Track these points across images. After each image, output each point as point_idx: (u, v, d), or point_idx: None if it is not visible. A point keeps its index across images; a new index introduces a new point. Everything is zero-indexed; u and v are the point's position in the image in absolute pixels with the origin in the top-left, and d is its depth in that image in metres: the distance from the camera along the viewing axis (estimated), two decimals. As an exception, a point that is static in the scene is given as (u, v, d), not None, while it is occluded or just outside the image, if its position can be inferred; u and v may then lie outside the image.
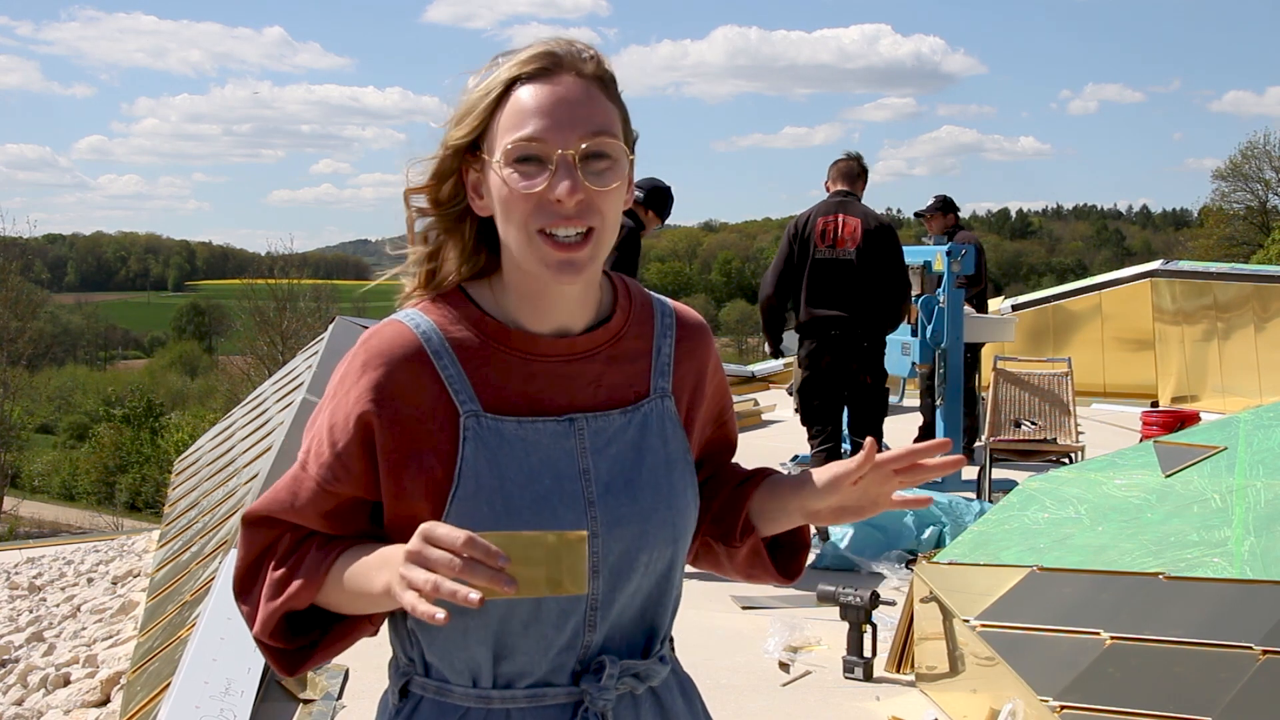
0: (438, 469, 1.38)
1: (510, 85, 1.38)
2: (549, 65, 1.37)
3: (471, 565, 1.19)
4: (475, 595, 1.17)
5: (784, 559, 1.61)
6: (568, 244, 1.36)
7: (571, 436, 1.42)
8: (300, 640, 1.47)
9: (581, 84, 1.38)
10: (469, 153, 1.42)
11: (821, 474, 1.48)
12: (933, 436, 8.10)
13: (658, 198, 6.63)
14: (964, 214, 9.13)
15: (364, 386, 1.39)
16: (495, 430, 1.39)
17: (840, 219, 6.50)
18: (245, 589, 1.46)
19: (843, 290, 6.42)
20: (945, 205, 9.01)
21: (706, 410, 1.58)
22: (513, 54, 1.40)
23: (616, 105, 1.42)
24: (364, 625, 1.47)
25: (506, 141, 1.36)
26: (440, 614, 1.18)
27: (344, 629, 1.47)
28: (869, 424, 6.64)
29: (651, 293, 1.58)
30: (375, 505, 1.45)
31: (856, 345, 6.42)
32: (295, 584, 1.40)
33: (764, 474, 1.59)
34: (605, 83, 1.41)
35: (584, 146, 1.35)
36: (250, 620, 1.45)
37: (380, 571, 1.33)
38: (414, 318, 1.44)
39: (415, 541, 1.24)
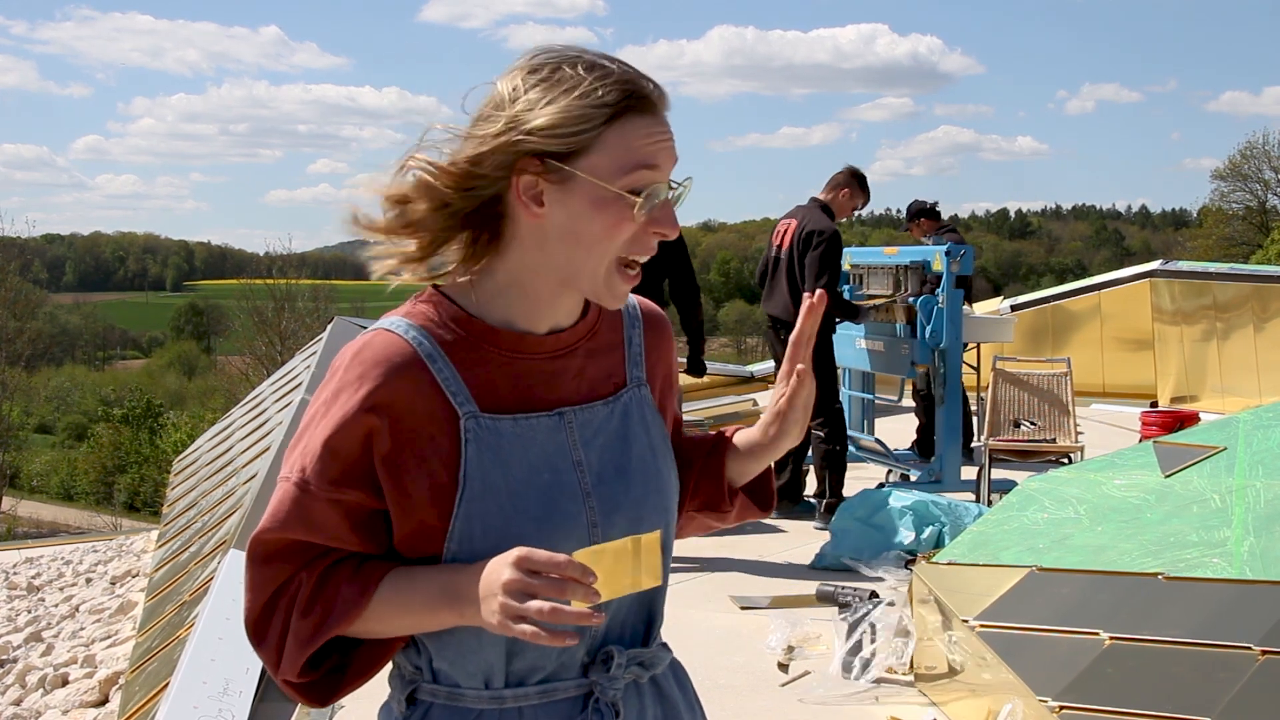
0: (441, 473, 1.38)
1: (621, 109, 1.36)
2: (656, 99, 1.40)
3: (571, 586, 1.27)
4: (600, 618, 1.27)
5: (759, 496, 1.68)
6: (631, 276, 1.42)
7: (563, 430, 1.44)
8: (323, 668, 1.44)
9: (668, 121, 1.42)
10: (536, 157, 1.36)
11: (767, 415, 1.59)
12: (930, 438, 8.14)
13: None
14: (963, 214, 9.19)
15: (362, 396, 1.37)
16: (494, 429, 1.40)
17: (786, 222, 7.20)
18: (261, 631, 1.40)
19: (775, 286, 7.16)
20: (921, 212, 8.96)
21: (672, 395, 1.64)
22: (608, 75, 1.37)
23: None
24: (397, 644, 1.46)
25: (630, 168, 1.36)
26: (572, 640, 1.27)
27: (377, 652, 1.45)
28: (816, 410, 7.07)
29: None
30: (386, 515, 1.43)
31: (781, 337, 7.10)
32: (330, 626, 1.37)
33: (724, 440, 1.64)
34: None
35: (679, 188, 1.41)
36: (273, 664, 1.40)
37: (448, 602, 1.35)
38: (400, 325, 1.42)
39: (511, 571, 1.28)
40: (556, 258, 1.40)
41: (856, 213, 7.58)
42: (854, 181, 7.21)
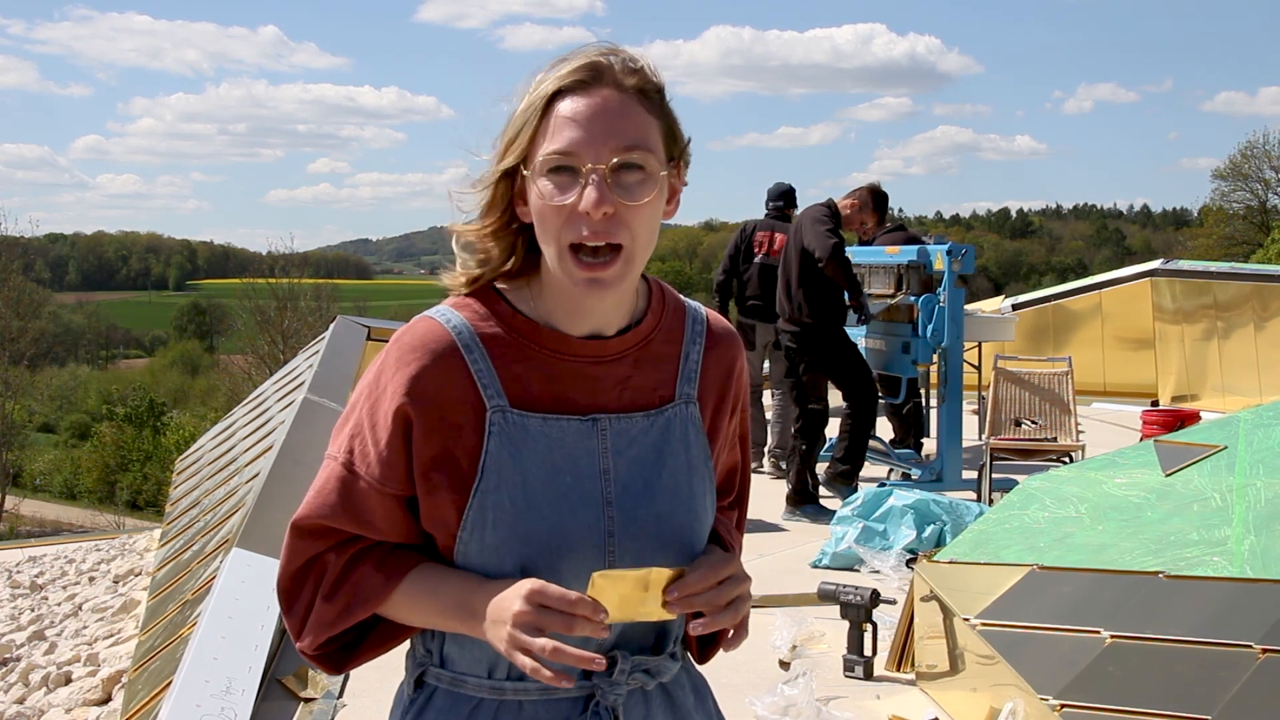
0: (463, 462, 1.41)
1: (551, 99, 1.39)
2: (588, 78, 1.38)
3: (581, 622, 1.29)
4: (601, 664, 1.30)
5: (704, 645, 1.62)
6: (595, 264, 1.38)
7: (594, 436, 1.44)
8: (341, 640, 1.50)
9: (620, 96, 1.39)
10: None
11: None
12: (915, 438, 8.18)
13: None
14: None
15: (399, 381, 1.42)
16: (520, 426, 1.41)
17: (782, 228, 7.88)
18: (290, 600, 1.47)
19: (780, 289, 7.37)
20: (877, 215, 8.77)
21: (728, 425, 1.59)
22: (559, 65, 1.41)
23: (659, 117, 1.42)
24: (412, 628, 1.50)
25: (541, 153, 1.38)
26: (568, 682, 1.30)
27: (394, 629, 1.50)
28: (847, 398, 7.22)
29: (686, 299, 1.59)
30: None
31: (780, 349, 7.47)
32: (351, 613, 1.44)
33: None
34: (648, 94, 1.42)
35: (615, 160, 1.36)
36: (295, 634, 1.47)
37: (462, 616, 1.39)
38: (446, 314, 1.46)
39: (523, 604, 1.30)
40: (542, 248, 1.43)
41: (865, 226, 7.62)
42: (870, 199, 7.37)
